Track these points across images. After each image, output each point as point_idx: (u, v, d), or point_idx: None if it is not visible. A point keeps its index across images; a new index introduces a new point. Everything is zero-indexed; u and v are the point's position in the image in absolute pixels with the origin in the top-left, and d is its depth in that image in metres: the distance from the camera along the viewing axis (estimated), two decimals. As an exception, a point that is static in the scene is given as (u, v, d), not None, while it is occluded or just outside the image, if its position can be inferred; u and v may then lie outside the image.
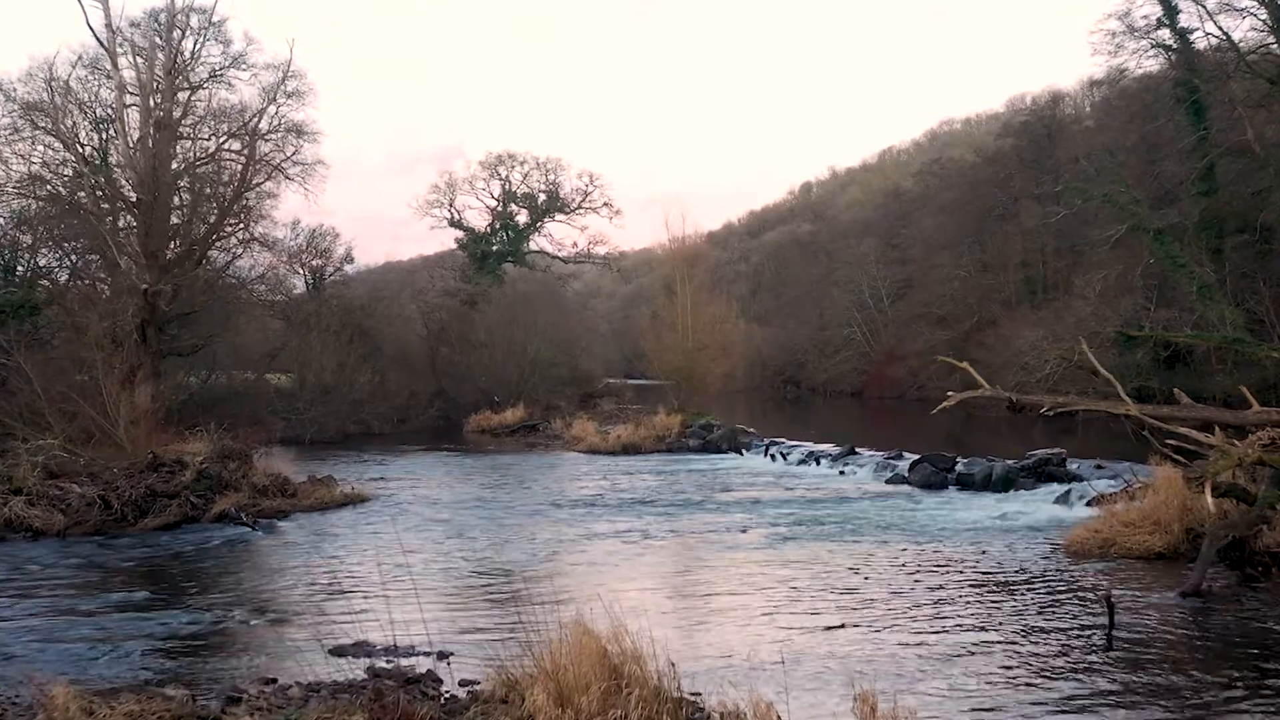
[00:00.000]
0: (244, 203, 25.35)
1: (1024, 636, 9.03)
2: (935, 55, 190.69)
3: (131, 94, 22.98)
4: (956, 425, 44.51)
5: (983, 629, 9.31)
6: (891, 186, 78.70)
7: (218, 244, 24.40)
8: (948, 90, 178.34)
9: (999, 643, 8.82)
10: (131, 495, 15.90)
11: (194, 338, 24.01)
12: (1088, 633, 9.15)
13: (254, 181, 25.52)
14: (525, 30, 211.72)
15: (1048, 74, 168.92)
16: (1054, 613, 9.91)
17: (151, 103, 23.25)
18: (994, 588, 11.06)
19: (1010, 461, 19.87)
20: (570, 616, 6.81)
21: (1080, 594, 10.69)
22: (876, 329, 63.88)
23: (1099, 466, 19.86)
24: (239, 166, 29.11)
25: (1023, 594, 10.74)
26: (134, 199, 21.86)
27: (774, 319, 75.57)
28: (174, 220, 24.44)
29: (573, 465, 25.61)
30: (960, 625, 9.44)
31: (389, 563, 12.89)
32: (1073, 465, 19.86)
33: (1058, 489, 17.70)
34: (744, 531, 14.95)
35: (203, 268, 24.37)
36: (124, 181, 22.83)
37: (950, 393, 11.85)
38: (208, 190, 24.12)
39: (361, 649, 8.56)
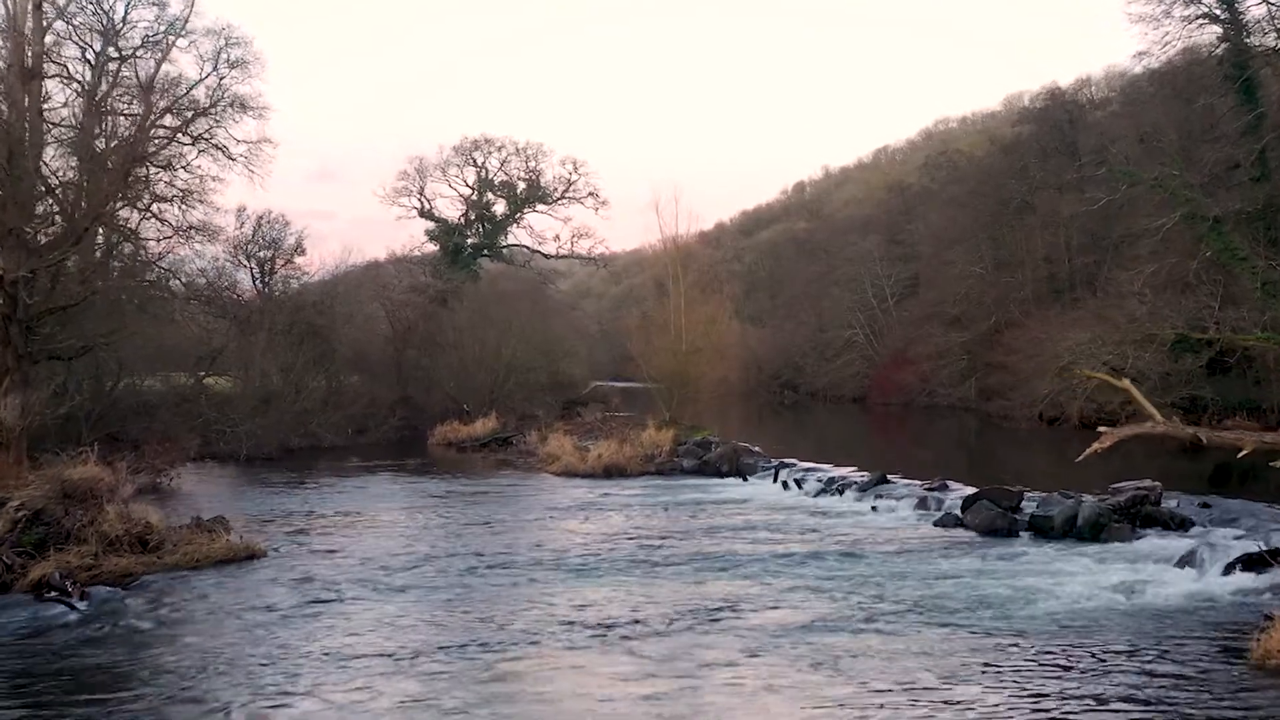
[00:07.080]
0: (140, 175, 20.87)
1: None
2: (929, 55, 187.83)
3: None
4: (971, 436, 40.47)
5: None
6: (893, 182, 74.51)
7: (102, 223, 19.87)
8: (942, 91, 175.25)
9: None
10: (-84, 556, 11.56)
11: (77, 338, 19.55)
12: None
13: (150, 150, 21.06)
14: (521, 33, 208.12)
15: (1044, 75, 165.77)
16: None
17: (26, 45, 18.86)
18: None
19: (1089, 498, 15.55)
20: None
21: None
22: (880, 330, 59.75)
23: (1204, 505, 15.70)
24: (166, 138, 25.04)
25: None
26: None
27: (769, 320, 71.53)
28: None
29: (543, 494, 21.24)
30: None
31: (240, 680, 8.57)
32: (1170, 502, 15.68)
33: (1168, 544, 13.41)
34: (766, 610, 10.72)
35: (90, 252, 19.92)
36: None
37: (1103, 429, 7.88)
38: (91, 156, 19.62)
39: None
